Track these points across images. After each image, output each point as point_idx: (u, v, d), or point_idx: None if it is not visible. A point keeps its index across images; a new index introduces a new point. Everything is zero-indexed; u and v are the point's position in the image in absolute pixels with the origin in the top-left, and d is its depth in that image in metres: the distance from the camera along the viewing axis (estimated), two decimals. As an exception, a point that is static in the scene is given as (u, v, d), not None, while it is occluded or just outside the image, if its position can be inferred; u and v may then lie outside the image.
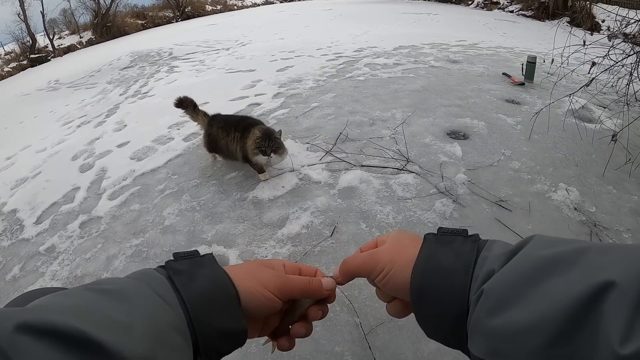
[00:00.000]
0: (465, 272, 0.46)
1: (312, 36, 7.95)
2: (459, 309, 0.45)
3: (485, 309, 0.40)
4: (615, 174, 2.50)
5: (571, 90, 3.20)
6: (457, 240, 0.50)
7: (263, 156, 2.44)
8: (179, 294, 0.47)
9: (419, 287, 0.49)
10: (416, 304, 0.50)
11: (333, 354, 1.51)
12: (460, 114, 3.37)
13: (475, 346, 0.42)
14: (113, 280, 0.44)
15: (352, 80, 4.54)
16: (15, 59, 14.21)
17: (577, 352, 0.33)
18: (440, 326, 0.48)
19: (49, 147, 4.10)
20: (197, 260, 0.52)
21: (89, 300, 0.38)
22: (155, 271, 0.49)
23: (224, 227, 2.26)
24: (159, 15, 17.76)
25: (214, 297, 0.49)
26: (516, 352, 0.36)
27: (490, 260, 0.45)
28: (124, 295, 0.41)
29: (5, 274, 2.31)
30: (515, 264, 0.41)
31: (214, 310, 0.48)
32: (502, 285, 0.40)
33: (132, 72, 7.29)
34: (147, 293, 0.43)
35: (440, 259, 0.49)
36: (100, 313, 0.37)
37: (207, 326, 0.47)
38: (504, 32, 8.41)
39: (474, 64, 4.98)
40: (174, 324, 0.43)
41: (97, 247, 2.32)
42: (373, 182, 2.48)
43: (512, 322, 0.37)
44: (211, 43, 8.92)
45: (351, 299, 1.70)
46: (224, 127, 2.73)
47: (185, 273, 0.49)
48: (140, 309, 0.40)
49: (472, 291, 0.44)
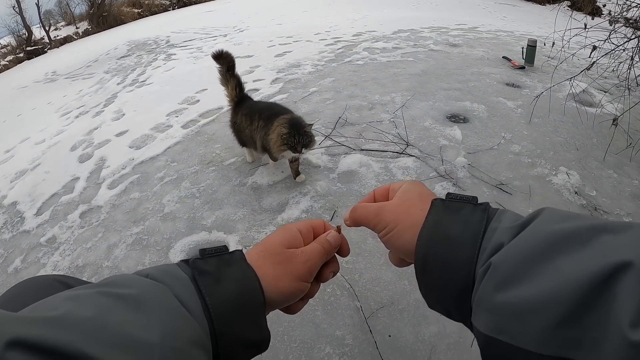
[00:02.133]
0: (473, 243, 0.44)
1: (310, 21, 7.86)
2: (464, 281, 0.43)
3: (492, 284, 0.39)
4: (616, 158, 2.49)
5: (572, 74, 3.17)
6: (465, 207, 0.48)
7: (293, 153, 2.18)
8: (204, 300, 0.44)
9: (424, 256, 0.47)
10: (420, 273, 0.49)
11: (334, 337, 1.51)
12: (460, 97, 3.34)
13: (479, 322, 0.40)
14: (131, 281, 0.41)
15: (351, 64, 4.50)
16: (12, 52, 14.10)
17: (585, 334, 0.32)
18: (443, 298, 0.47)
19: (47, 138, 4.09)
20: (225, 258, 0.49)
21: (102, 310, 0.35)
22: (179, 268, 0.46)
23: (224, 213, 2.26)
24: (156, 3, 17.55)
25: (241, 304, 0.46)
26: (523, 330, 0.35)
27: (500, 232, 0.43)
28: (142, 304, 0.37)
29: (7, 266, 2.32)
30: (526, 237, 0.40)
31: (239, 319, 0.45)
32: (511, 260, 0.39)
33: (130, 61, 7.23)
34: (168, 301, 0.40)
35: (448, 228, 0.46)
36: (115, 328, 0.33)
37: (231, 337, 0.45)
38: (504, 16, 8.32)
39: (473, 48, 4.93)
40: (196, 338, 0.39)
41: (97, 236, 2.33)
42: (373, 166, 2.47)
43: (520, 299, 0.36)
44: (208, 30, 8.84)
45: (352, 282, 1.71)
46: (249, 114, 2.49)
47: (211, 274, 0.46)
48: (159, 322, 0.36)
49: (479, 264, 0.42)
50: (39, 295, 0.69)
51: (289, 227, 0.58)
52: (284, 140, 2.16)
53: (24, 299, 0.67)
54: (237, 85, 2.62)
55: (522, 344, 0.35)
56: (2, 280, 2.23)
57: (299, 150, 2.16)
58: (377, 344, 1.46)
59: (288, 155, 2.26)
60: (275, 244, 0.54)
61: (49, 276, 0.74)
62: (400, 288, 1.67)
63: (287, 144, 2.16)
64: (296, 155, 2.21)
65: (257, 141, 2.40)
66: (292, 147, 2.15)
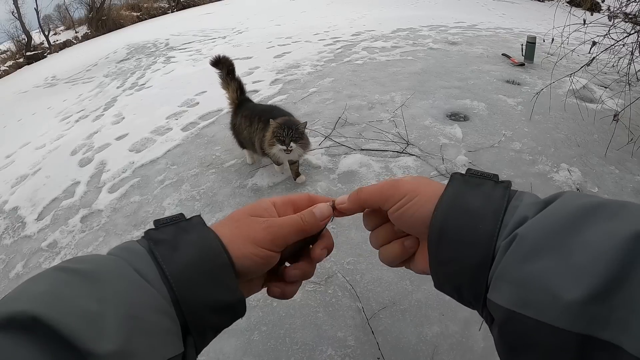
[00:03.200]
0: (495, 217, 0.41)
1: (309, 21, 7.86)
2: (482, 255, 0.40)
3: (519, 255, 0.36)
4: (618, 154, 2.47)
5: (572, 70, 3.16)
6: (487, 184, 0.45)
7: (281, 146, 2.18)
8: (161, 268, 0.41)
9: (441, 227, 0.44)
10: (434, 246, 0.45)
11: (336, 339, 1.51)
12: (460, 95, 3.33)
13: (500, 295, 0.37)
14: (89, 258, 0.40)
15: (350, 64, 4.50)
16: (12, 57, 14.12)
17: (614, 312, 0.30)
18: (457, 273, 0.43)
19: (47, 143, 4.09)
20: (182, 225, 0.46)
21: (57, 284, 0.35)
22: (137, 243, 0.44)
23: (224, 214, 2.25)
24: (154, 6, 17.58)
25: (203, 268, 0.43)
26: (550, 304, 0.33)
27: (522, 208, 0.41)
28: (97, 277, 0.36)
29: (9, 272, 2.32)
30: (552, 210, 0.38)
31: (203, 284, 0.42)
32: (539, 231, 0.36)
33: (129, 64, 7.24)
34: (124, 272, 0.39)
35: (468, 201, 0.44)
36: (69, 300, 0.33)
37: (196, 303, 0.42)
38: (502, 13, 8.30)
39: (473, 46, 4.91)
40: (156, 306, 0.38)
41: (98, 240, 2.32)
42: (373, 166, 2.46)
43: (548, 271, 0.34)
44: (207, 32, 8.84)
45: (353, 283, 1.70)
46: (248, 116, 2.49)
47: (167, 242, 0.43)
48: (114, 292, 0.36)
49: (501, 237, 0.40)
50: None
51: (262, 199, 0.54)
52: (274, 133, 2.19)
53: None
54: (238, 88, 2.63)
55: (548, 319, 0.33)
56: (5, 285, 2.23)
57: (287, 144, 2.15)
58: (379, 345, 1.46)
59: (280, 154, 2.25)
60: (239, 212, 0.51)
61: None
62: (402, 288, 1.66)
63: (276, 137, 2.18)
64: (284, 148, 2.18)
65: (255, 143, 2.40)
66: (281, 140, 2.17)
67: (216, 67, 2.60)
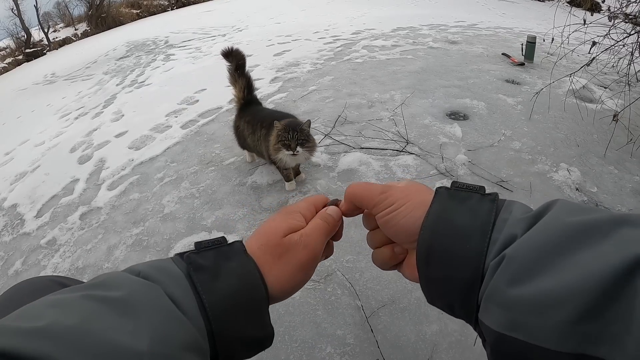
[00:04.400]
0: (483, 234, 0.40)
1: (309, 20, 7.85)
2: (472, 275, 0.40)
3: (507, 277, 0.36)
4: (617, 154, 2.48)
5: (571, 70, 3.16)
6: (473, 197, 0.44)
7: (287, 151, 2.01)
8: (200, 298, 0.40)
9: (429, 246, 0.43)
10: (422, 265, 0.45)
11: (335, 337, 1.51)
12: (459, 94, 3.33)
13: (491, 318, 0.37)
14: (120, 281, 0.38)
15: (350, 62, 4.49)
16: (11, 55, 14.08)
17: (606, 329, 0.30)
18: (447, 292, 0.43)
19: (47, 140, 4.09)
20: (224, 250, 0.45)
21: (86, 317, 0.32)
22: (174, 263, 0.43)
23: (224, 212, 2.26)
24: (154, 3, 17.52)
25: (241, 300, 0.42)
26: (540, 325, 0.33)
27: (511, 223, 0.40)
28: (130, 307, 0.34)
29: (8, 269, 2.32)
30: (542, 229, 0.37)
31: (239, 317, 0.42)
32: (527, 252, 0.36)
33: (129, 61, 7.22)
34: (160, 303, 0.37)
35: (454, 217, 0.43)
36: (99, 337, 0.31)
37: (230, 336, 0.41)
38: (503, 12, 8.30)
39: (473, 45, 4.91)
40: (190, 342, 0.36)
41: (97, 237, 2.32)
42: (373, 164, 2.46)
43: (537, 292, 0.33)
44: (207, 30, 8.83)
45: (352, 281, 1.70)
46: (251, 121, 2.33)
47: (208, 270, 0.42)
48: (148, 326, 0.34)
49: (490, 256, 0.39)
50: (35, 296, 0.68)
51: (289, 209, 0.54)
52: (278, 137, 2.03)
53: (19, 301, 0.66)
54: (246, 87, 2.48)
55: (539, 341, 0.33)
56: (3, 282, 2.23)
57: (293, 148, 2.00)
58: (378, 343, 1.46)
59: (287, 159, 2.07)
60: (274, 234, 0.50)
61: (46, 277, 0.73)
62: (401, 286, 1.66)
63: (281, 141, 2.02)
64: (290, 153, 2.02)
65: (264, 152, 2.25)
66: (287, 144, 2.01)
67: (226, 59, 2.47)
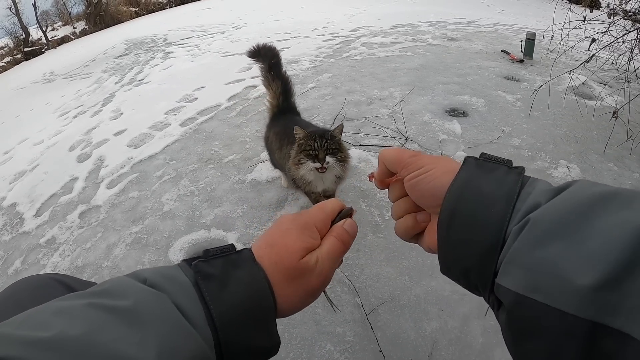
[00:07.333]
0: (507, 201, 0.41)
1: (307, 17, 7.82)
2: (493, 239, 0.40)
3: (531, 239, 0.36)
4: (616, 150, 2.48)
5: (571, 67, 3.16)
6: (500, 169, 0.45)
7: (312, 163, 1.57)
8: (207, 307, 0.40)
9: (452, 209, 0.44)
10: (444, 228, 0.45)
11: (335, 334, 1.51)
12: (459, 91, 3.33)
13: (510, 279, 0.37)
14: (126, 288, 0.37)
15: (349, 59, 4.48)
16: (9, 54, 14.06)
17: (625, 301, 0.30)
18: (465, 256, 0.43)
19: (46, 139, 4.08)
20: (232, 259, 0.44)
21: (92, 327, 0.32)
22: (181, 270, 0.42)
23: (223, 210, 2.25)
24: (153, 1, 17.48)
25: (249, 310, 0.42)
26: (561, 288, 0.33)
27: (535, 194, 0.41)
28: (137, 317, 0.34)
29: (7, 268, 2.31)
30: (567, 197, 0.38)
31: (246, 327, 0.41)
32: (551, 216, 0.36)
33: (127, 59, 7.20)
34: (167, 313, 0.36)
35: (480, 185, 0.44)
36: (105, 348, 0.31)
37: (237, 346, 0.41)
38: (502, 9, 8.29)
39: (472, 42, 4.91)
40: (197, 353, 0.36)
41: (97, 236, 2.32)
42: (372, 161, 2.46)
43: (560, 256, 0.34)
44: (206, 27, 8.80)
45: (352, 279, 1.70)
46: (280, 134, 1.89)
47: (216, 278, 0.42)
48: (156, 338, 0.33)
49: (513, 222, 0.40)
50: (36, 294, 0.68)
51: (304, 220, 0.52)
52: (300, 146, 1.61)
53: (20, 299, 0.66)
54: (282, 91, 2.03)
55: (559, 304, 0.33)
56: (3, 281, 2.23)
57: (322, 159, 1.56)
58: (378, 340, 1.46)
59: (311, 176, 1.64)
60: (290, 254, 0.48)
61: (46, 275, 0.73)
62: (401, 284, 1.66)
63: (304, 151, 1.59)
64: (317, 166, 1.57)
65: (287, 172, 1.82)
66: (312, 155, 1.57)
67: (256, 60, 2.06)
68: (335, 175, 1.70)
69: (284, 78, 2.03)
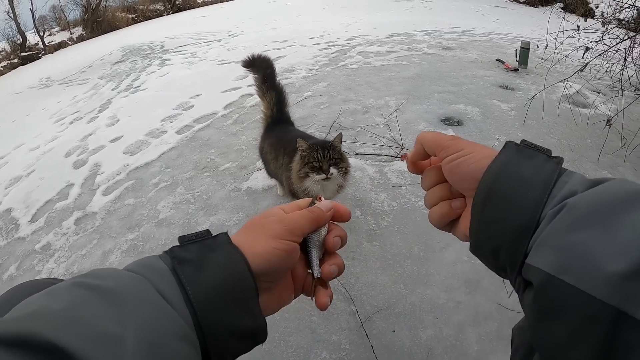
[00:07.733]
0: (545, 186, 0.42)
1: (304, 25, 7.87)
2: (528, 219, 0.41)
3: (565, 223, 0.37)
4: (610, 158, 2.50)
5: (565, 75, 3.20)
6: (539, 156, 0.46)
7: (317, 175, 1.61)
8: (184, 290, 0.40)
9: (489, 188, 0.45)
10: (480, 206, 0.46)
11: (330, 342, 1.51)
12: (454, 100, 3.36)
13: (542, 259, 0.38)
14: (110, 273, 0.38)
15: (345, 68, 4.51)
16: (6, 58, 13.99)
17: None
18: (497, 235, 0.44)
19: (42, 144, 4.07)
20: (208, 243, 0.45)
21: (75, 303, 0.33)
22: (160, 259, 0.43)
23: (219, 218, 2.26)
24: (150, 8, 17.52)
25: (227, 290, 0.42)
26: (590, 273, 0.33)
27: (572, 183, 0.42)
28: (118, 296, 0.35)
29: (2, 274, 2.30)
30: (603, 189, 0.39)
31: (226, 307, 0.41)
32: (588, 203, 0.37)
33: (124, 66, 7.22)
34: (147, 293, 0.37)
35: (519, 169, 0.44)
36: (87, 321, 0.32)
37: (218, 328, 0.41)
38: (497, 19, 8.37)
39: (467, 51, 4.95)
40: (177, 332, 0.37)
41: (92, 242, 2.31)
42: (367, 170, 2.47)
43: (593, 241, 0.34)
44: (203, 35, 8.83)
45: (347, 287, 1.71)
46: (275, 145, 1.93)
47: (191, 262, 0.42)
48: (136, 316, 0.34)
49: (548, 206, 0.41)
50: None
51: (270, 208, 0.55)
52: (304, 159, 1.63)
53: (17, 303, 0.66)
54: (275, 103, 2.06)
55: (587, 287, 0.33)
56: (-3, 288, 2.22)
57: (326, 170, 1.59)
58: (373, 348, 1.46)
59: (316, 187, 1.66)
60: (251, 220, 0.52)
61: (43, 280, 0.73)
62: (396, 292, 1.67)
63: (308, 164, 1.62)
64: (323, 177, 1.61)
65: (284, 183, 1.88)
66: (316, 167, 1.61)
67: (250, 70, 2.11)
68: (337, 184, 1.74)
69: (278, 88, 2.07)
